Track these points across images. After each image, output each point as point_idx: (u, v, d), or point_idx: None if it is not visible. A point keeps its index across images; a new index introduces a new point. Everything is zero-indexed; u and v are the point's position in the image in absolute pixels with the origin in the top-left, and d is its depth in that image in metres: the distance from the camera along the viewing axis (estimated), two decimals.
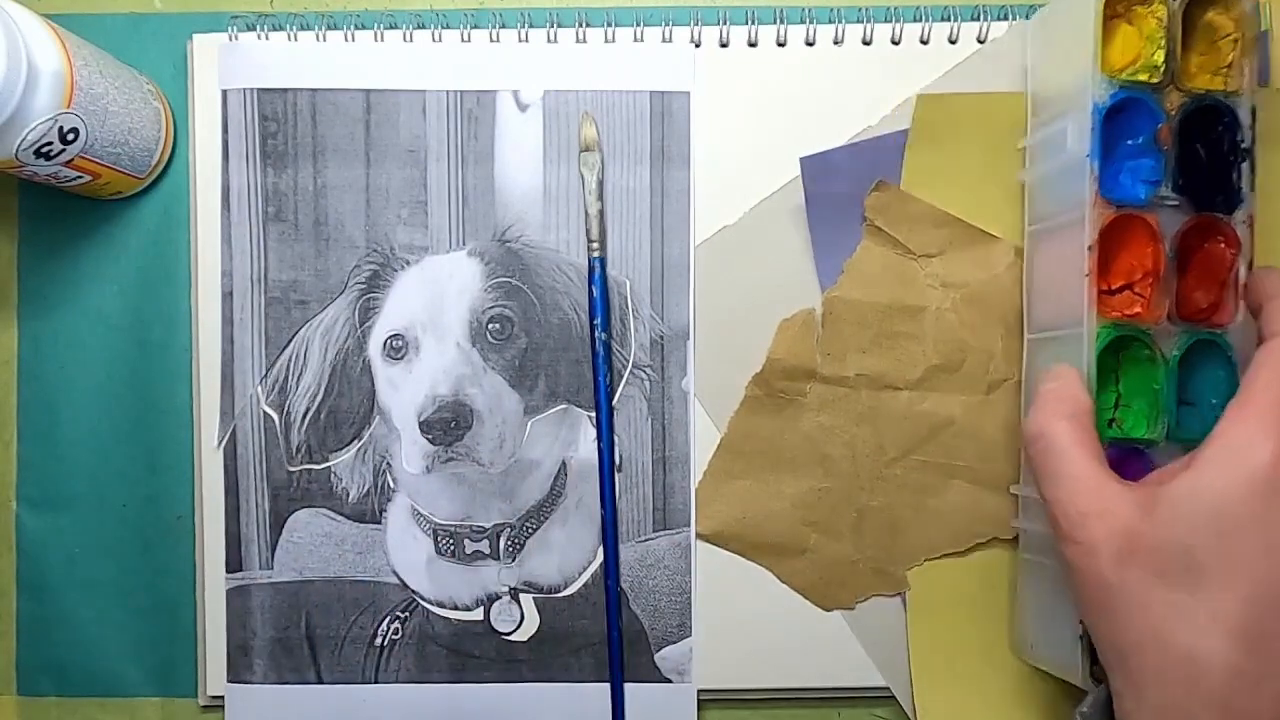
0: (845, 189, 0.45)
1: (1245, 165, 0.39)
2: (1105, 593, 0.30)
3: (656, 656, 0.46)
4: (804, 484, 0.45)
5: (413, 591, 0.46)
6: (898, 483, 0.45)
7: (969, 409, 0.44)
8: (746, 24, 0.46)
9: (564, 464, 0.46)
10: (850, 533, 0.45)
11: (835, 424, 0.45)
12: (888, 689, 0.46)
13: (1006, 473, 0.45)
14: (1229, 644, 0.28)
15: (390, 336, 0.46)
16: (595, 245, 0.45)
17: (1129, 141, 0.40)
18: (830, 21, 0.46)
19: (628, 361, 0.46)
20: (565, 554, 0.46)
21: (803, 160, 0.45)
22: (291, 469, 0.46)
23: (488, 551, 0.46)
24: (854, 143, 0.45)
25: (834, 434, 0.45)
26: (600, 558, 0.46)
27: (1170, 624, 0.29)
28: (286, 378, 0.46)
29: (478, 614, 0.46)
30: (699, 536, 0.46)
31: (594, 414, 0.45)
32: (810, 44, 0.46)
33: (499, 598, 0.46)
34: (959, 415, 0.44)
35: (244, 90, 0.45)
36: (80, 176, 0.42)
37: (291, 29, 0.46)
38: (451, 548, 0.46)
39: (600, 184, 0.45)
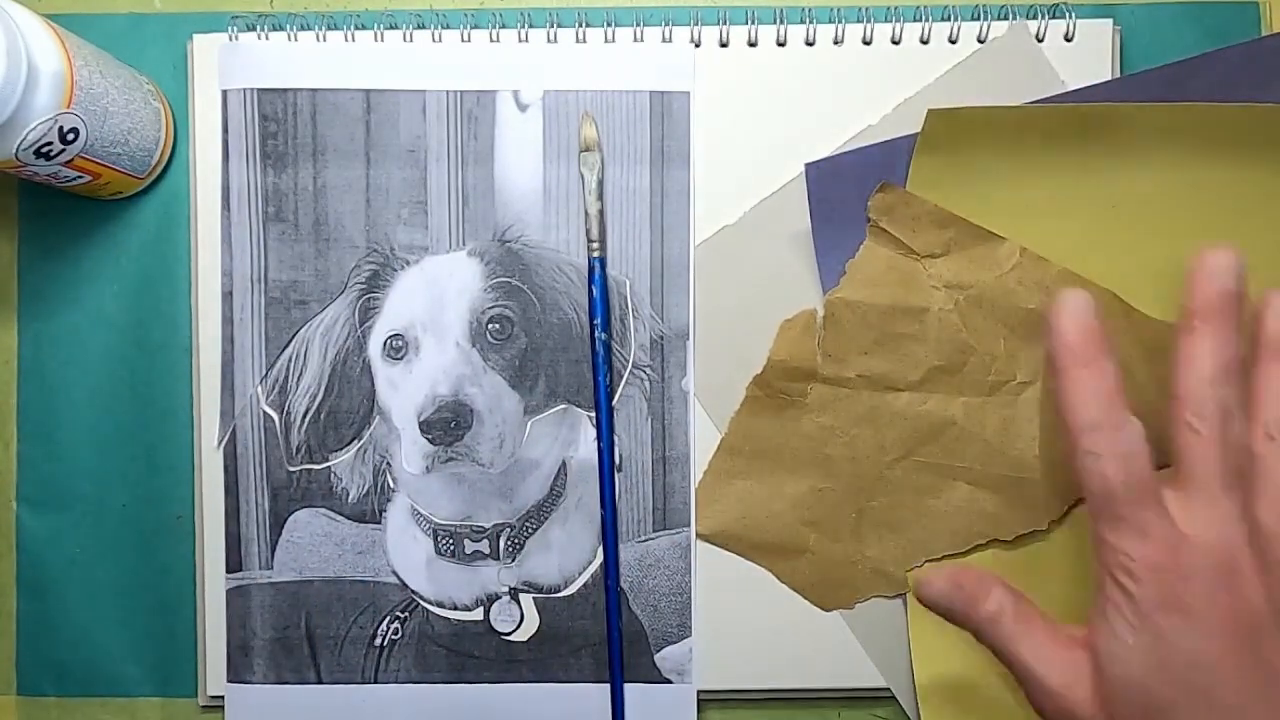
0: (849, 194, 0.44)
1: None
2: None
3: (656, 657, 0.46)
4: (804, 485, 0.45)
5: (413, 591, 0.46)
6: (898, 484, 0.45)
7: (970, 410, 0.44)
8: (746, 24, 0.46)
9: (564, 464, 0.46)
10: (850, 533, 0.45)
11: (836, 425, 0.45)
12: (888, 689, 0.46)
13: (1007, 474, 0.45)
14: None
15: (390, 336, 0.46)
16: (595, 245, 0.45)
17: None
18: (830, 21, 0.46)
19: (628, 361, 0.46)
20: (565, 554, 0.46)
21: (807, 166, 0.44)
22: (291, 469, 0.46)
23: (487, 551, 0.46)
24: (859, 148, 0.45)
25: (835, 435, 0.45)
26: (600, 558, 0.46)
27: None
28: (286, 378, 0.46)
29: (478, 614, 0.46)
30: (699, 537, 0.46)
31: (594, 414, 0.45)
32: (810, 44, 0.46)
33: (499, 598, 0.46)
34: (960, 416, 0.44)
35: (244, 90, 0.45)
36: (80, 176, 0.42)
37: (291, 29, 0.46)
38: (451, 548, 0.46)
39: (600, 184, 0.45)
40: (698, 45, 0.46)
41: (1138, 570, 0.33)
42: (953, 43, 0.46)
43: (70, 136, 0.40)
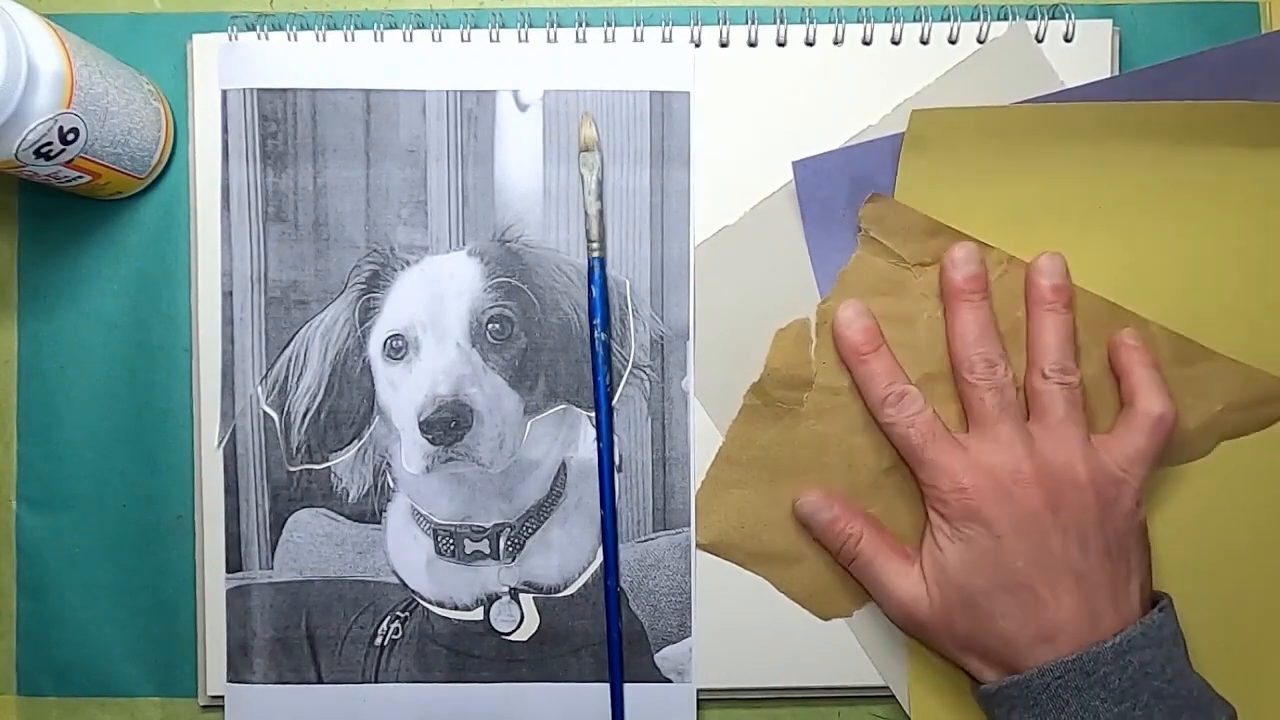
0: (839, 192, 0.45)
1: None
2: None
3: (656, 656, 0.46)
4: (801, 493, 0.45)
5: (413, 591, 0.46)
6: (893, 490, 0.45)
7: (961, 416, 0.44)
8: (746, 24, 0.46)
9: (564, 464, 0.46)
10: None
11: (832, 433, 0.45)
12: (887, 688, 0.46)
13: None
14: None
15: (390, 336, 0.46)
16: (595, 245, 0.45)
17: None
18: (830, 21, 0.46)
19: (628, 361, 0.46)
20: (565, 554, 0.46)
21: (795, 164, 0.45)
22: (291, 469, 0.46)
23: (488, 551, 0.46)
24: (846, 146, 0.45)
25: (830, 443, 0.45)
26: (600, 558, 0.46)
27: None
28: (286, 378, 0.46)
29: (478, 614, 0.46)
30: (698, 547, 0.46)
31: (594, 414, 0.46)
32: (810, 44, 0.46)
33: (499, 598, 0.46)
34: (952, 423, 0.44)
35: (244, 90, 0.45)
36: (80, 176, 0.42)
37: (291, 29, 0.46)
38: (451, 548, 0.46)
39: (600, 184, 0.45)
40: (698, 45, 0.46)
41: (945, 497, 0.41)
42: (953, 43, 0.46)
43: (70, 136, 0.40)
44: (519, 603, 0.46)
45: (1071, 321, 0.43)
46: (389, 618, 0.46)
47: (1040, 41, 0.45)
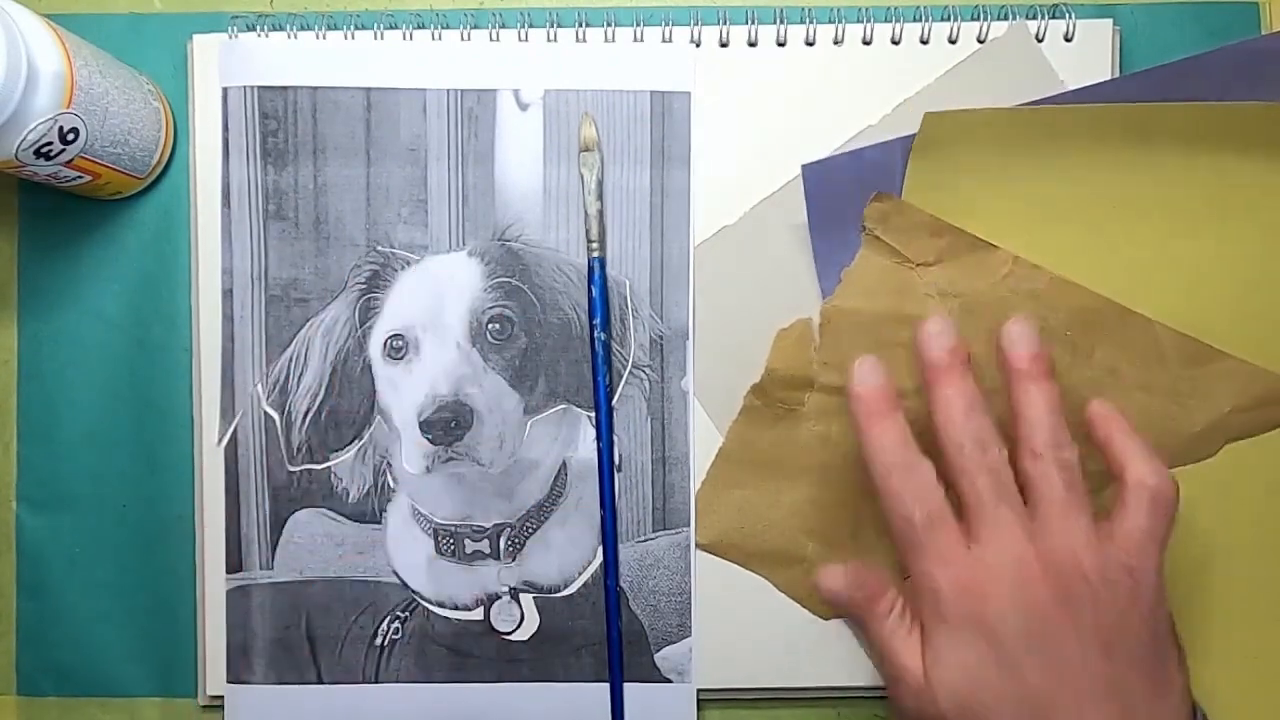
0: (846, 195, 0.44)
1: None
2: None
3: (656, 656, 0.46)
4: (802, 493, 0.45)
5: (413, 591, 0.46)
6: None
7: None
8: (746, 24, 0.46)
9: (564, 464, 0.46)
10: (849, 541, 0.45)
11: (833, 433, 0.45)
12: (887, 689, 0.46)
13: None
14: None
15: (390, 336, 0.46)
16: (595, 245, 0.45)
17: None
18: (830, 21, 0.46)
19: (627, 361, 0.46)
20: (565, 554, 0.46)
21: (804, 167, 0.44)
22: (292, 469, 0.46)
23: (488, 551, 0.46)
24: (856, 149, 0.45)
25: (831, 443, 0.45)
26: (600, 558, 0.46)
27: None
28: (287, 377, 0.46)
29: (478, 614, 0.46)
30: (698, 547, 0.46)
31: (594, 414, 0.45)
32: (810, 44, 0.46)
33: (499, 598, 0.46)
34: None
35: (244, 88, 0.45)
36: (80, 176, 0.42)
37: (291, 29, 0.46)
38: (451, 548, 0.46)
39: (600, 184, 0.45)
40: (698, 45, 0.46)
41: (944, 592, 0.36)
42: (953, 43, 0.46)
43: (70, 136, 0.40)
44: (519, 603, 0.46)
45: (1057, 391, 0.38)
46: (389, 618, 0.46)
47: (1040, 41, 0.45)
